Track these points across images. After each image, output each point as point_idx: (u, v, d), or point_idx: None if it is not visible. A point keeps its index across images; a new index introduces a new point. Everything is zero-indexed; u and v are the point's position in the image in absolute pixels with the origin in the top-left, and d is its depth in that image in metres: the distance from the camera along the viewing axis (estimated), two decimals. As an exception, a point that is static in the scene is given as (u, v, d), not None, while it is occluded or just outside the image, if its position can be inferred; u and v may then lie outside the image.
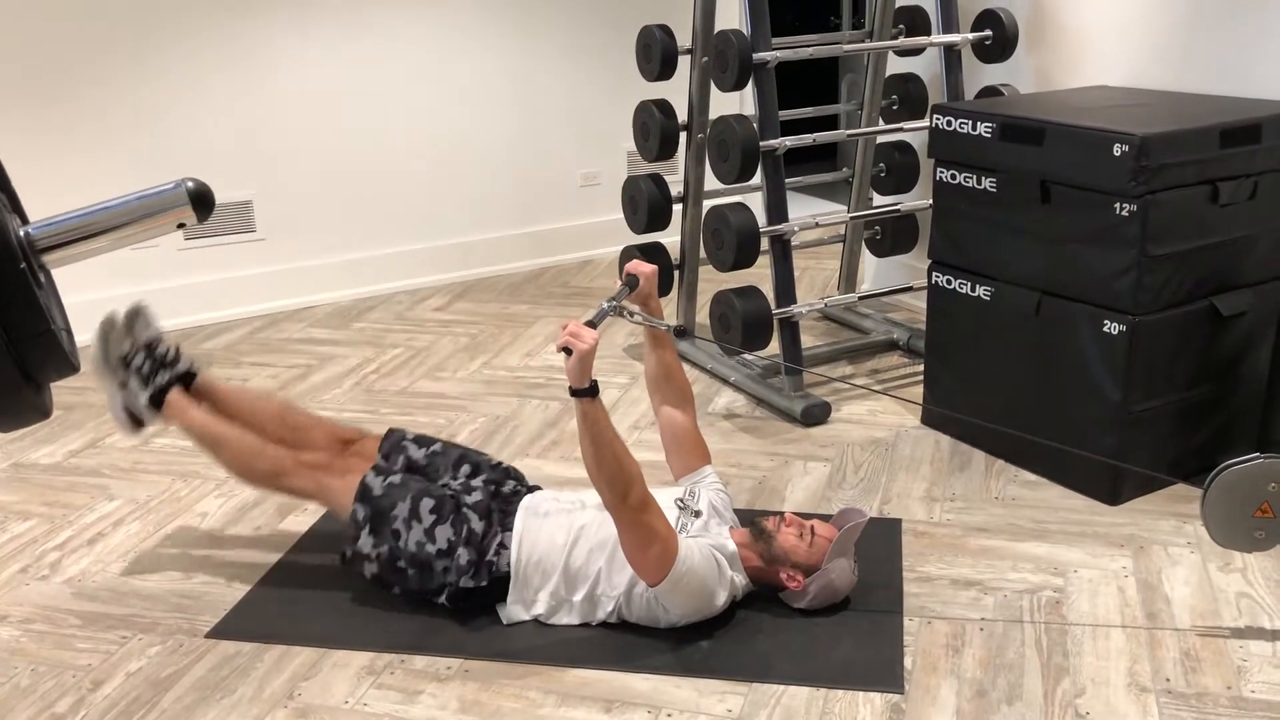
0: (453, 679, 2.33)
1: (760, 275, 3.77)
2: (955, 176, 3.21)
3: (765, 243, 3.59)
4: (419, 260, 5.07)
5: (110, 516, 3.07)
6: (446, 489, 2.58)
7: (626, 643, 2.41)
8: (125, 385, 2.65)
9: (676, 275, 4.13)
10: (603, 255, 5.40)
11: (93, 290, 4.25)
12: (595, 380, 2.23)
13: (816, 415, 3.52)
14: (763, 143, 3.50)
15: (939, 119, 3.23)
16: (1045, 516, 2.91)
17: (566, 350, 2.20)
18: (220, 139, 4.55)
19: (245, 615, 2.58)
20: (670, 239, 4.10)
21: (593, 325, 2.24)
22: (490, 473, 2.69)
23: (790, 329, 3.61)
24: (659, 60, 3.84)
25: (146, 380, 2.63)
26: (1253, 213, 2.93)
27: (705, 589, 2.38)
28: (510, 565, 2.47)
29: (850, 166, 4.41)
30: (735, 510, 2.70)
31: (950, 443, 3.36)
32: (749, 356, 3.83)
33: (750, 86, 3.55)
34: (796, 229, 3.61)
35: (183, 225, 1.86)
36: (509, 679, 2.32)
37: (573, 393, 2.23)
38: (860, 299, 4.13)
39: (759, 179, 3.60)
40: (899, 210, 3.97)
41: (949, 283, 3.30)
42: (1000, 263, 3.14)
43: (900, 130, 3.97)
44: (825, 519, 2.56)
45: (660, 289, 3.10)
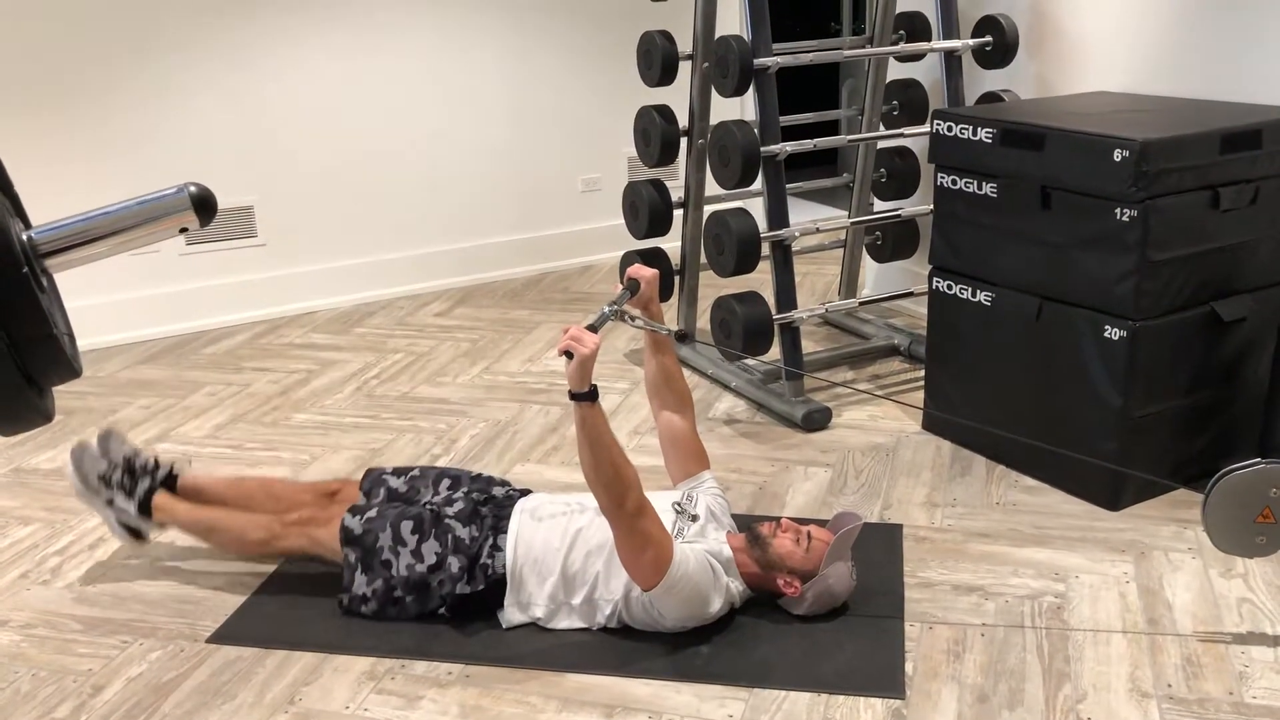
0: (453, 684, 2.33)
1: (761, 280, 3.77)
2: (956, 182, 3.22)
3: (766, 248, 3.60)
4: (420, 265, 5.08)
5: (111, 521, 3.07)
6: (426, 507, 2.60)
7: (627, 648, 2.41)
8: (112, 503, 2.72)
9: (677, 281, 4.14)
10: (603, 260, 5.40)
11: (95, 295, 4.26)
12: (595, 385, 2.23)
13: (817, 420, 3.52)
14: (763, 148, 3.50)
15: (940, 124, 3.23)
16: (1046, 522, 2.91)
17: (568, 354, 2.21)
18: (222, 144, 4.56)
19: (246, 620, 2.58)
20: (671, 244, 4.10)
21: (594, 329, 2.25)
22: (471, 484, 2.71)
23: (791, 334, 3.62)
24: (660, 66, 3.85)
25: (130, 492, 2.71)
26: (1253, 218, 2.93)
27: (699, 595, 2.38)
28: (506, 567, 2.47)
29: (851, 172, 4.41)
30: (735, 516, 2.70)
31: (951, 448, 3.36)
32: (750, 361, 3.83)
33: (751, 92, 3.55)
34: (797, 234, 3.61)
35: (185, 230, 1.86)
36: (509, 684, 2.32)
37: (572, 397, 2.23)
38: (861, 304, 4.13)
39: (760, 184, 3.60)
40: (900, 215, 3.97)
41: (950, 288, 3.30)
42: (1001, 268, 3.14)
43: (901, 135, 3.97)
44: (823, 524, 2.56)
45: (661, 294, 3.10)
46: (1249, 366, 3.05)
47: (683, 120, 3.98)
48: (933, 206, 3.34)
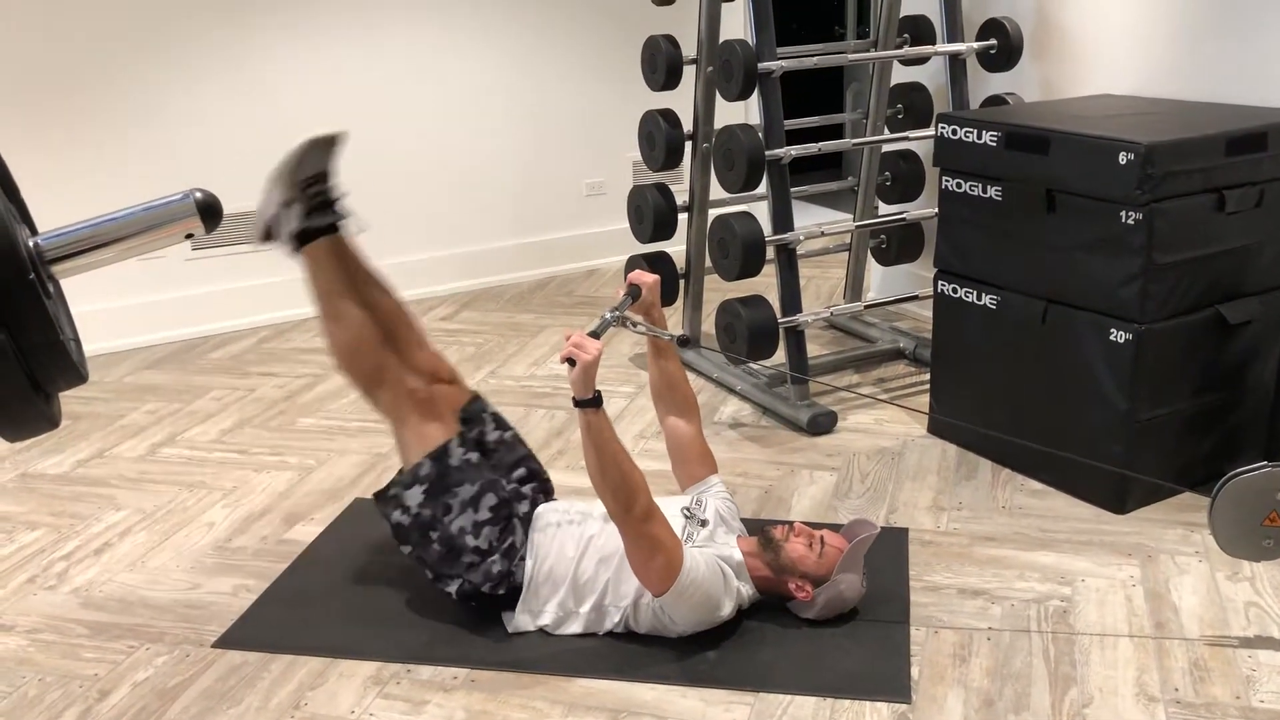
0: (459, 689, 2.33)
1: (766, 284, 3.77)
2: (960, 185, 3.22)
3: (771, 252, 3.59)
4: (425, 270, 5.08)
5: (117, 526, 3.08)
6: (510, 491, 2.53)
7: (632, 652, 2.41)
8: (289, 205, 2.47)
9: (682, 285, 4.14)
10: (608, 265, 5.40)
11: (102, 300, 4.27)
12: (599, 391, 2.23)
13: (823, 424, 3.52)
14: (768, 152, 3.50)
15: (944, 128, 3.23)
16: (1052, 525, 2.91)
17: (570, 361, 2.20)
18: (227, 150, 4.56)
19: (252, 625, 2.58)
20: (676, 248, 4.10)
21: (595, 336, 2.25)
22: (538, 483, 2.65)
23: (796, 338, 3.61)
24: (664, 70, 3.85)
25: (308, 215, 2.46)
26: (1259, 221, 2.92)
27: (710, 600, 2.38)
28: (525, 576, 2.47)
29: (855, 175, 4.41)
30: (742, 520, 2.70)
31: (957, 452, 3.35)
32: (755, 366, 3.83)
33: (755, 96, 3.55)
34: (802, 238, 3.61)
35: (191, 236, 1.86)
36: (515, 689, 2.32)
37: (576, 403, 2.23)
38: (866, 308, 4.13)
39: (764, 188, 3.60)
40: (904, 219, 3.97)
41: (954, 291, 3.30)
42: (1006, 271, 3.14)
43: (905, 139, 3.97)
44: (834, 529, 2.55)
45: (666, 298, 3.10)
46: (1255, 369, 3.04)
47: (687, 124, 3.98)
48: (937, 210, 3.34)
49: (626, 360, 4.21)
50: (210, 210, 1.79)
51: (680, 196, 4.04)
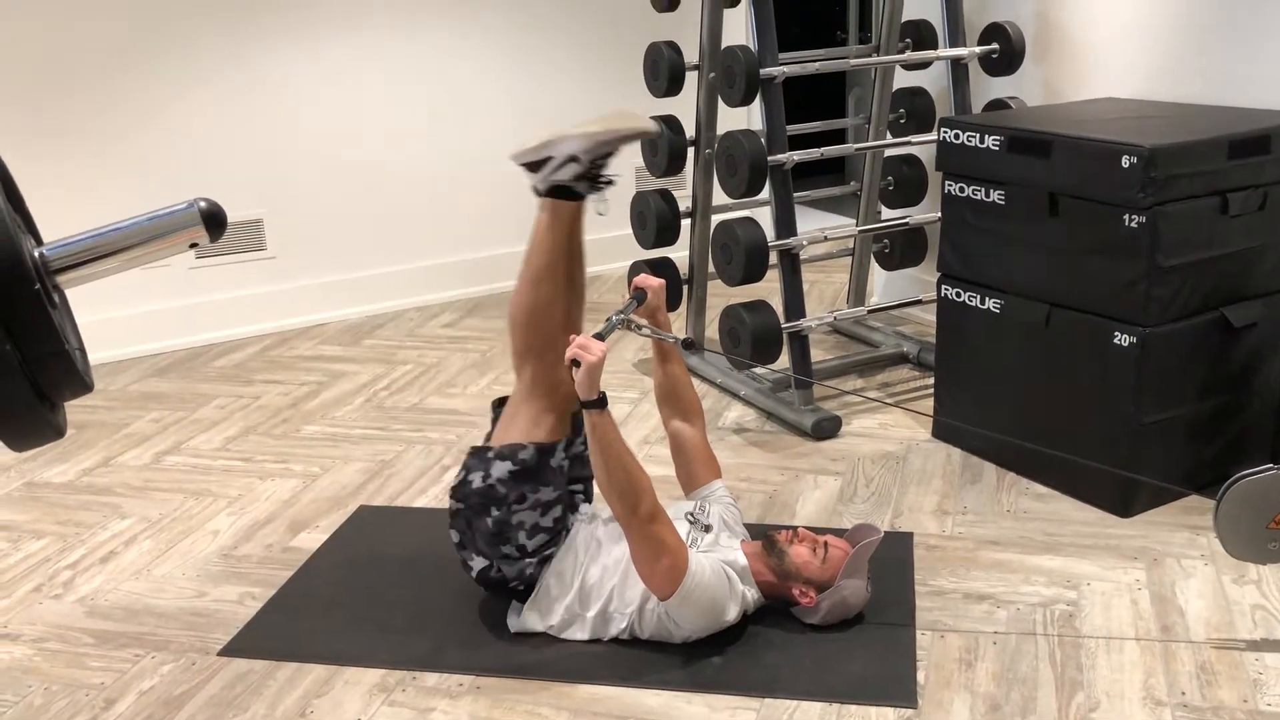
0: (464, 695, 2.33)
1: (769, 289, 3.77)
2: (963, 189, 3.22)
3: (774, 257, 3.60)
4: (429, 277, 5.09)
5: (122, 535, 3.08)
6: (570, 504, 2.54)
7: (638, 658, 2.40)
8: (572, 160, 2.60)
9: (685, 290, 4.14)
10: (611, 270, 5.39)
11: (106, 309, 4.28)
12: (604, 392, 2.23)
13: (827, 429, 3.52)
14: (770, 157, 3.50)
15: (946, 132, 3.23)
16: (1057, 529, 2.90)
17: (575, 363, 2.21)
18: (231, 158, 4.58)
19: (257, 633, 2.58)
20: (679, 254, 4.10)
21: (600, 338, 2.26)
22: (584, 500, 2.64)
23: (800, 343, 3.61)
24: (666, 76, 3.85)
25: (579, 178, 2.62)
26: (1262, 223, 2.92)
27: (715, 604, 2.37)
28: (542, 576, 2.47)
29: (858, 180, 4.41)
30: (746, 525, 2.70)
31: (961, 456, 3.35)
32: (759, 370, 3.83)
33: (758, 101, 3.56)
34: (805, 243, 3.61)
35: (195, 245, 1.87)
36: (521, 695, 2.32)
37: (582, 405, 2.24)
38: (869, 312, 4.13)
39: (767, 193, 3.61)
40: (907, 223, 3.97)
41: (958, 295, 3.30)
42: (1009, 275, 3.14)
43: (908, 144, 3.97)
44: (839, 534, 2.55)
45: (669, 304, 3.10)
46: (1260, 372, 3.04)
47: (690, 130, 3.98)
48: (940, 214, 3.34)
49: (631, 366, 4.21)
50: (214, 219, 1.80)
51: (683, 202, 4.04)
